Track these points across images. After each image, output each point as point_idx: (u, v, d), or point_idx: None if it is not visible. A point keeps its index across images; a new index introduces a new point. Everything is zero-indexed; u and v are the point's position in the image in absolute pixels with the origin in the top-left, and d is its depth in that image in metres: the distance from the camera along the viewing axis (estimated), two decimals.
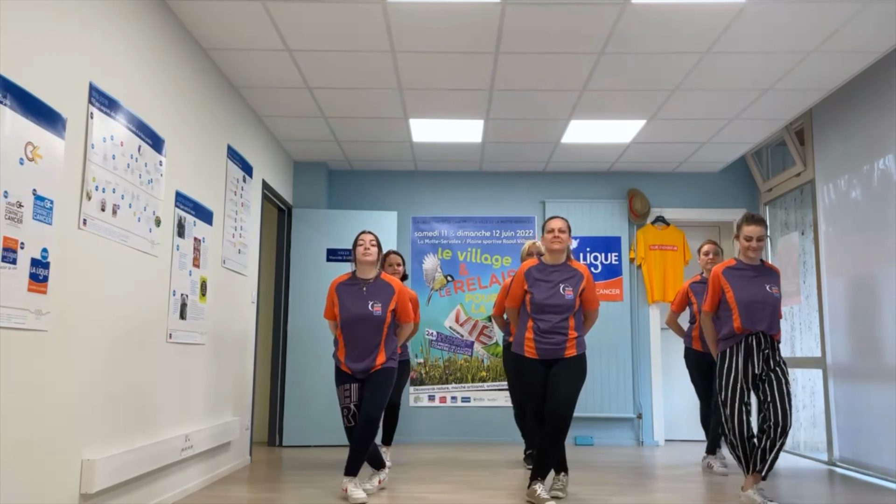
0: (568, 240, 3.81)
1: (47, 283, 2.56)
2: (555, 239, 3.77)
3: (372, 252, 3.92)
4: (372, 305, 3.87)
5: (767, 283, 3.74)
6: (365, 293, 3.90)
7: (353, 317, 3.86)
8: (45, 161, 2.55)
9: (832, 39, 4.03)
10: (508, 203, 6.86)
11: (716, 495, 4.01)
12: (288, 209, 6.39)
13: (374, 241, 3.96)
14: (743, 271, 3.78)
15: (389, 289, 3.95)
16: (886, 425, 4.46)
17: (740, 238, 3.83)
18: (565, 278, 3.78)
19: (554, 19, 3.81)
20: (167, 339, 3.67)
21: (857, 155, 4.92)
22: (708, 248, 4.99)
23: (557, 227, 3.79)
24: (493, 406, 6.54)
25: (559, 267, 3.82)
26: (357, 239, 3.99)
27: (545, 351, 3.74)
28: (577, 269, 3.82)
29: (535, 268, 3.84)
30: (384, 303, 3.90)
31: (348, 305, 3.88)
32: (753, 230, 3.77)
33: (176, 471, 3.76)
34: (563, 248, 3.81)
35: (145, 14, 3.42)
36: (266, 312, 6.29)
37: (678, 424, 6.69)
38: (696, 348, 4.99)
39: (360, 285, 3.93)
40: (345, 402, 3.86)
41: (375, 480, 4.03)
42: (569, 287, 3.76)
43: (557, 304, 3.74)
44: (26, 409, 2.47)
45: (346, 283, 3.97)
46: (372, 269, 3.98)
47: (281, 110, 5.26)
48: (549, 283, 3.78)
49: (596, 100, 4.99)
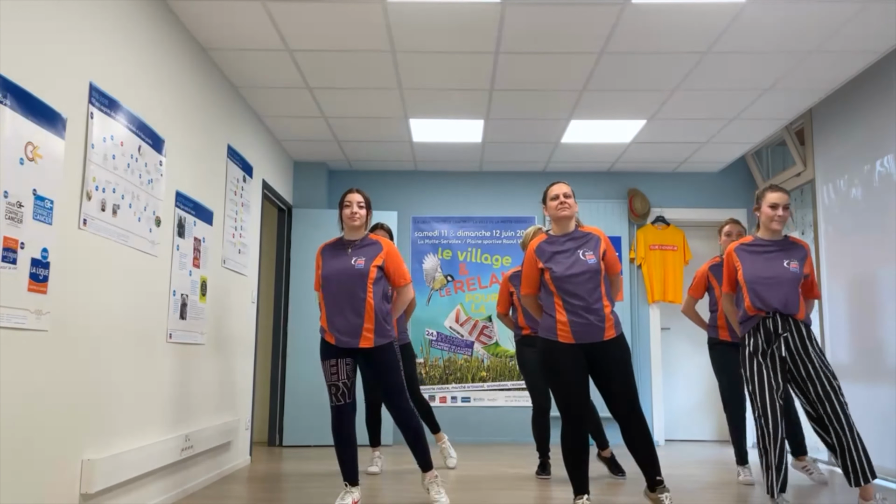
0: (575, 206, 3.37)
1: (47, 283, 2.56)
2: (561, 205, 3.32)
3: (360, 215, 3.57)
4: (354, 260, 3.48)
5: (787, 258, 3.42)
6: (349, 252, 3.55)
7: (334, 272, 3.48)
8: (45, 161, 2.55)
9: (832, 39, 4.03)
10: (508, 203, 6.87)
11: (716, 495, 4.01)
12: (288, 209, 6.39)
13: (363, 203, 3.59)
14: (759, 247, 3.49)
15: (376, 245, 3.58)
16: (886, 425, 4.46)
17: (763, 208, 3.50)
18: (582, 244, 3.31)
19: (554, 19, 3.81)
20: (167, 339, 3.67)
21: (857, 155, 4.92)
22: (730, 228, 4.43)
23: (563, 192, 3.33)
24: (493, 406, 6.54)
25: (571, 234, 3.36)
26: (343, 199, 3.60)
27: (582, 333, 3.21)
28: (591, 232, 3.37)
29: (545, 242, 3.37)
30: (368, 257, 3.50)
31: (330, 264, 3.52)
32: (778, 197, 3.44)
33: (176, 471, 3.77)
34: (573, 214, 3.36)
35: (145, 14, 3.42)
36: (266, 312, 6.29)
37: (678, 424, 6.70)
38: (723, 338, 4.34)
39: (346, 246, 3.58)
40: (331, 380, 3.49)
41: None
42: (589, 251, 3.28)
43: (583, 272, 3.22)
44: (26, 409, 2.47)
45: (330, 245, 3.63)
46: (358, 232, 3.62)
47: (281, 110, 5.26)
48: (565, 252, 3.30)
49: (596, 100, 5.00)
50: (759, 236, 3.56)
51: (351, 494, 3.49)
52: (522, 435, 6.40)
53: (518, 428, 6.46)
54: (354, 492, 3.52)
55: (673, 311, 6.76)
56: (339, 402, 3.50)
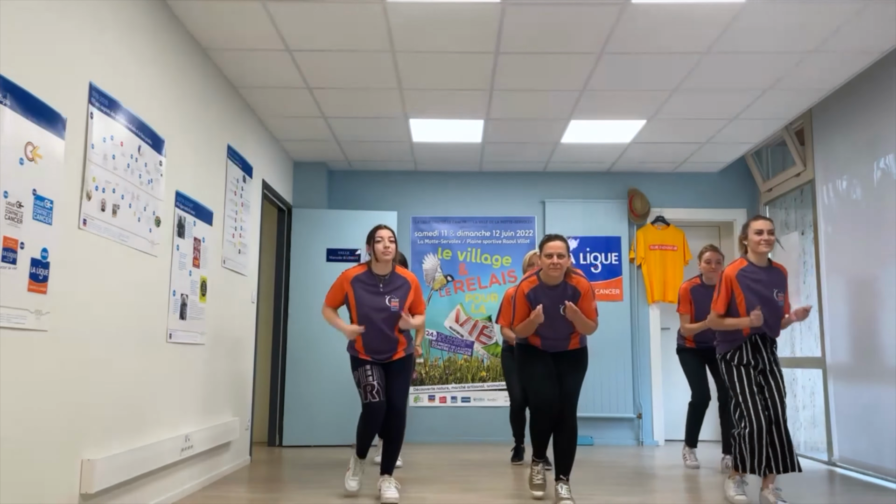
0: (567, 263, 3.75)
1: (47, 283, 2.56)
2: (553, 266, 3.69)
3: (391, 249, 3.90)
4: (389, 300, 3.90)
5: (775, 288, 3.75)
6: (381, 289, 3.92)
7: (372, 311, 3.87)
8: (45, 161, 2.55)
9: (832, 39, 4.03)
10: (508, 203, 6.86)
11: (716, 495, 4.01)
12: (288, 209, 6.39)
13: (393, 238, 3.93)
14: (754, 274, 3.76)
15: (406, 284, 3.97)
16: (886, 425, 4.46)
17: (749, 236, 3.78)
18: (566, 299, 3.74)
19: (554, 19, 3.81)
20: (167, 339, 3.67)
21: (857, 155, 4.92)
22: (710, 255, 4.85)
23: (556, 254, 3.69)
24: (493, 406, 6.54)
25: (558, 287, 3.78)
26: (374, 234, 3.92)
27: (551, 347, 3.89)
28: (575, 287, 3.77)
29: (535, 290, 3.79)
30: (401, 298, 3.92)
31: (365, 301, 3.89)
32: (764, 224, 3.74)
33: (176, 471, 3.76)
34: (561, 275, 3.75)
35: (145, 14, 3.42)
36: (266, 312, 6.29)
37: (678, 424, 6.68)
38: (689, 346, 5.02)
39: (377, 281, 3.93)
40: (367, 381, 3.84)
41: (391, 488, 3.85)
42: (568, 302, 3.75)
43: (560, 325, 3.77)
44: (26, 409, 2.47)
45: (361, 279, 3.94)
46: (388, 266, 3.96)
47: (281, 110, 5.26)
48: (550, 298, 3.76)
49: (596, 100, 4.99)
50: (751, 261, 3.82)
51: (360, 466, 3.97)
52: None
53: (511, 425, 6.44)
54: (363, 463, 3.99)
55: (673, 312, 6.75)
56: (374, 399, 3.86)
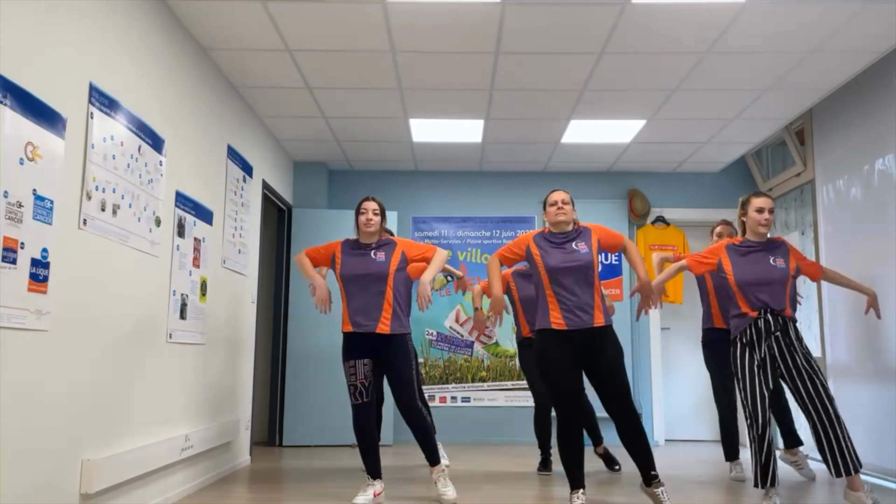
0: (573, 212, 3.64)
1: (47, 283, 2.56)
2: (559, 211, 3.59)
3: (374, 222, 3.83)
4: (375, 254, 3.80)
5: (772, 255, 3.56)
6: (366, 252, 3.84)
7: (354, 269, 3.77)
8: (45, 161, 2.55)
9: (832, 39, 4.03)
10: (508, 203, 6.87)
11: (716, 495, 4.01)
12: (288, 209, 6.39)
13: (377, 210, 3.87)
14: (746, 248, 3.61)
15: (391, 243, 3.89)
16: (886, 425, 4.46)
17: (749, 213, 3.63)
18: (575, 237, 3.60)
19: (554, 19, 3.81)
20: (167, 339, 3.67)
21: (857, 155, 4.92)
22: (721, 228, 4.60)
23: (560, 199, 3.61)
24: (493, 406, 6.54)
25: (567, 233, 3.63)
26: (360, 206, 3.88)
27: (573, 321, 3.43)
28: (584, 227, 3.65)
29: (542, 235, 3.66)
30: (387, 253, 3.81)
31: (350, 262, 3.80)
32: (764, 201, 3.58)
33: (176, 471, 3.77)
34: (569, 219, 3.63)
35: (145, 14, 3.42)
36: (266, 312, 6.29)
37: (678, 424, 6.70)
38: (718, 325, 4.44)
39: (362, 248, 3.86)
40: (350, 380, 3.76)
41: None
42: (581, 242, 3.57)
43: (576, 262, 3.48)
44: (26, 410, 2.47)
45: (349, 244, 3.90)
46: (373, 237, 3.89)
47: (281, 110, 5.26)
48: (559, 246, 3.58)
49: (596, 100, 4.99)
50: (747, 238, 3.69)
51: (372, 487, 3.71)
52: (523, 435, 6.40)
53: (518, 428, 6.45)
54: (376, 484, 3.73)
55: (673, 312, 6.76)
56: (357, 400, 3.74)
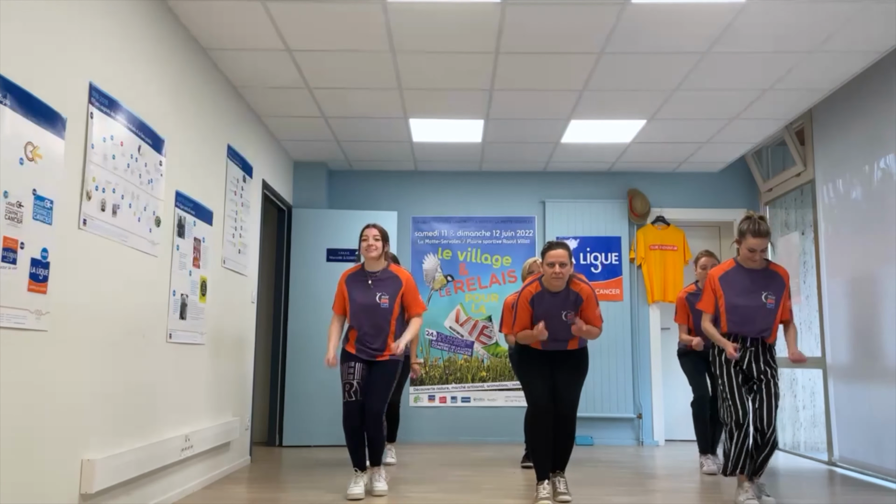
0: (569, 271, 3.71)
1: (47, 283, 2.56)
2: (555, 276, 3.66)
3: (376, 247, 3.97)
4: (379, 297, 3.95)
5: (765, 290, 3.64)
6: (372, 286, 3.99)
7: (361, 307, 3.96)
8: (45, 161, 2.55)
9: (832, 39, 4.03)
10: (508, 203, 6.86)
11: (716, 495, 4.01)
12: (288, 209, 6.39)
13: (378, 236, 3.99)
14: (740, 275, 3.70)
15: (396, 279, 4.02)
16: (886, 425, 4.46)
17: (742, 248, 3.68)
18: (568, 305, 3.75)
19: (554, 19, 3.81)
20: (167, 339, 3.67)
21: (857, 155, 4.92)
22: (705, 261, 4.81)
23: (559, 262, 3.64)
24: (493, 406, 6.54)
25: (560, 293, 3.76)
26: (362, 233, 4.03)
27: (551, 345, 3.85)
28: (577, 293, 3.76)
29: (538, 296, 3.77)
30: (391, 295, 3.97)
31: (356, 297, 3.98)
32: (758, 243, 3.59)
33: (176, 471, 3.76)
34: (564, 281, 3.73)
35: (145, 14, 3.42)
36: (266, 312, 6.29)
37: (678, 424, 6.69)
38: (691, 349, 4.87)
39: (367, 278, 4.02)
40: (347, 378, 3.92)
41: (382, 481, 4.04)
42: (571, 312, 3.75)
43: (561, 330, 3.77)
44: (26, 409, 2.47)
45: (354, 275, 4.06)
46: (378, 263, 4.03)
47: (281, 110, 5.26)
48: (551, 307, 3.76)
49: (596, 100, 4.99)
50: (740, 263, 3.76)
51: (361, 478, 3.92)
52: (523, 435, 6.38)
53: (518, 428, 6.40)
54: (364, 475, 3.95)
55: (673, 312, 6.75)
56: (350, 398, 3.91)
